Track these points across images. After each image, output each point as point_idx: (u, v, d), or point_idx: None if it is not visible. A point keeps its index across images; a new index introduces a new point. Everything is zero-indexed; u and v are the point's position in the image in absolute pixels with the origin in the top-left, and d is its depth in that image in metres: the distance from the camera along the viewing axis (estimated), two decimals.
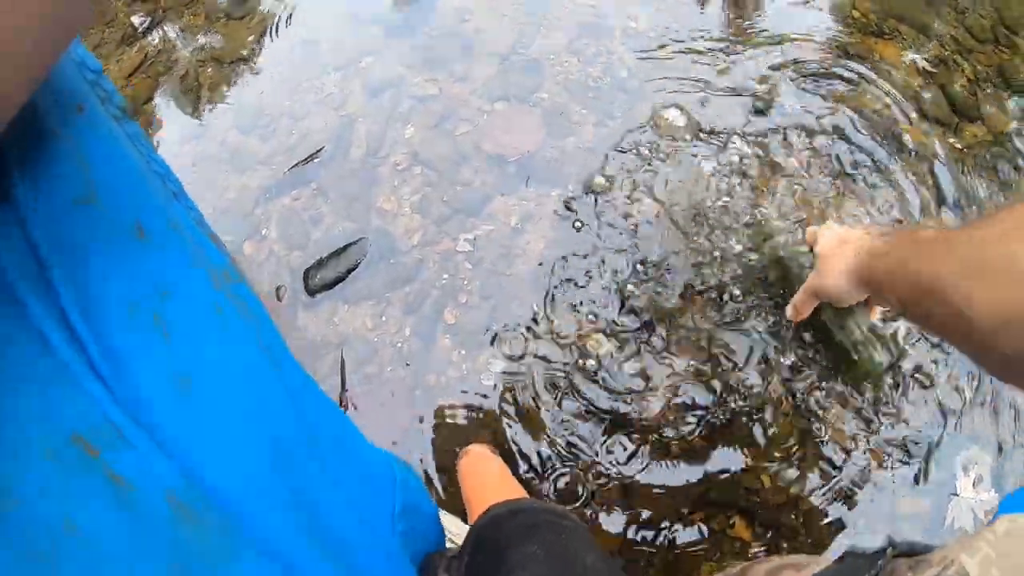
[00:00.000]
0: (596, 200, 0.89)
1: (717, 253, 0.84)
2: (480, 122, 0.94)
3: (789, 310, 0.72)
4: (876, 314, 0.74)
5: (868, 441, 0.77)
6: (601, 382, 0.79)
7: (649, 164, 0.91)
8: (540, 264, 0.86)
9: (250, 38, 1.14)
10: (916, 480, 0.76)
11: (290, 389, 0.29)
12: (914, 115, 1.11)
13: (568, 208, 0.89)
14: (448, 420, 0.80)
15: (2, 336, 0.19)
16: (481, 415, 0.80)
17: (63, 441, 0.19)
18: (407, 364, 0.84)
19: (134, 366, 0.22)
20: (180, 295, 0.25)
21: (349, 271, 0.90)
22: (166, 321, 0.24)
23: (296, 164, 0.97)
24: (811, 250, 0.72)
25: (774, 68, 1.02)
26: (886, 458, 0.76)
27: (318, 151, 0.97)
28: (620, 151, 0.92)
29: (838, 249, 0.67)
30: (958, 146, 1.07)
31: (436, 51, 1.02)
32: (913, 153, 0.95)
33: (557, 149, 0.92)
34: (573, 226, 0.87)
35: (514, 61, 1.00)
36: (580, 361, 0.80)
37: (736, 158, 0.91)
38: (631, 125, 0.94)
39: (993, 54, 1.27)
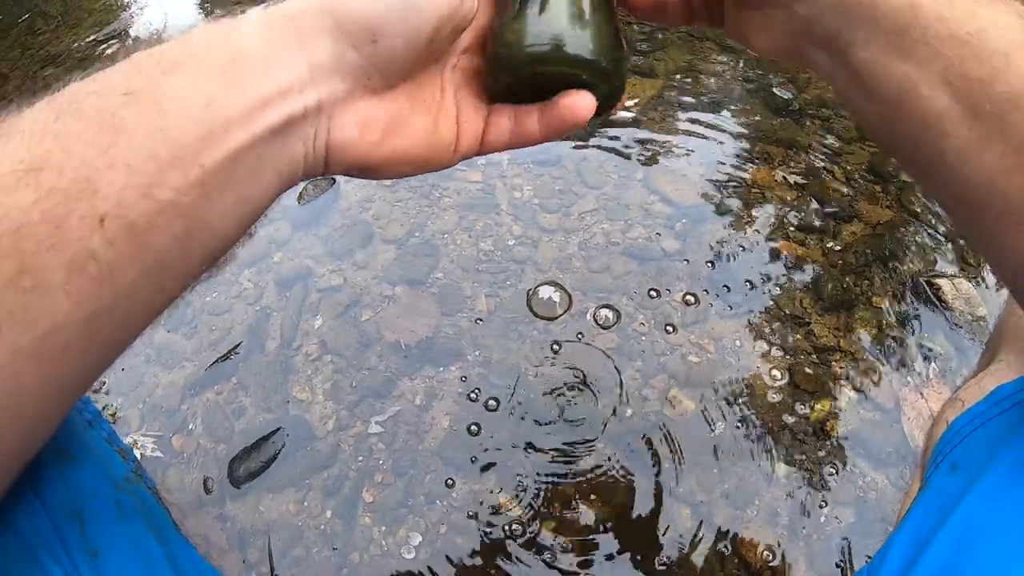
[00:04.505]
0: (491, 372, 0.97)
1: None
2: (381, 308, 1.04)
3: None
4: None
5: None
6: (519, 543, 0.85)
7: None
8: (447, 437, 0.93)
9: None
10: None
11: (171, 557, 0.40)
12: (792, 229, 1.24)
13: (467, 383, 0.97)
14: None
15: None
16: None
17: None
18: (333, 548, 0.89)
19: (70, 541, 0.34)
20: (94, 496, 0.37)
21: (270, 461, 0.95)
22: (83, 513, 0.36)
23: (217, 360, 1.04)
24: None
25: None
26: None
27: (236, 346, 1.04)
28: (514, 320, 1.02)
29: None
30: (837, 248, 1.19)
31: (340, 241, 1.12)
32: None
33: (453, 327, 1.01)
34: (469, 398, 0.96)
35: (411, 244, 1.10)
36: (496, 525, 0.86)
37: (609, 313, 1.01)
38: (521, 294, 1.04)
39: (861, 151, 1.42)
